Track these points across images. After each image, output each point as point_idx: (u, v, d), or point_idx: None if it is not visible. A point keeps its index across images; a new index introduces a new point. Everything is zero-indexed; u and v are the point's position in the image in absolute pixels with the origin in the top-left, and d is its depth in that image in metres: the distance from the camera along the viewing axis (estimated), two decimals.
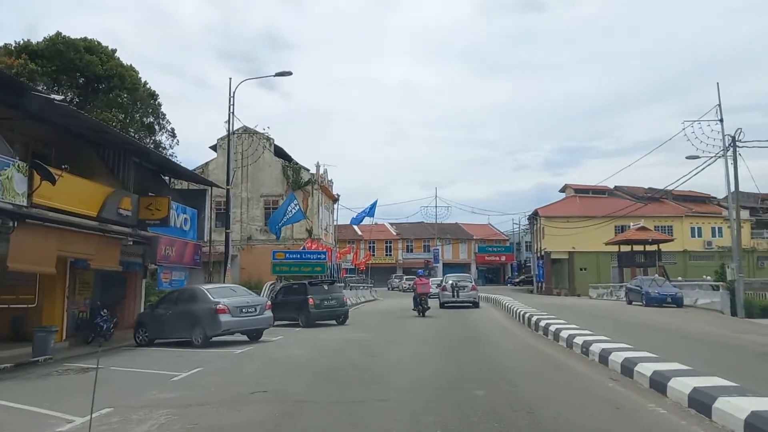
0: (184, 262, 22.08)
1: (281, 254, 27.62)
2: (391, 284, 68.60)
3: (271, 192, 45.71)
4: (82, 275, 21.51)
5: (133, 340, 17.20)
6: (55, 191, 14.39)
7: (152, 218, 18.56)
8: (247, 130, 44.67)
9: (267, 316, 16.33)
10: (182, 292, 17.14)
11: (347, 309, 23.68)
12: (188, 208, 23.15)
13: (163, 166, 22.04)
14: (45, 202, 14.29)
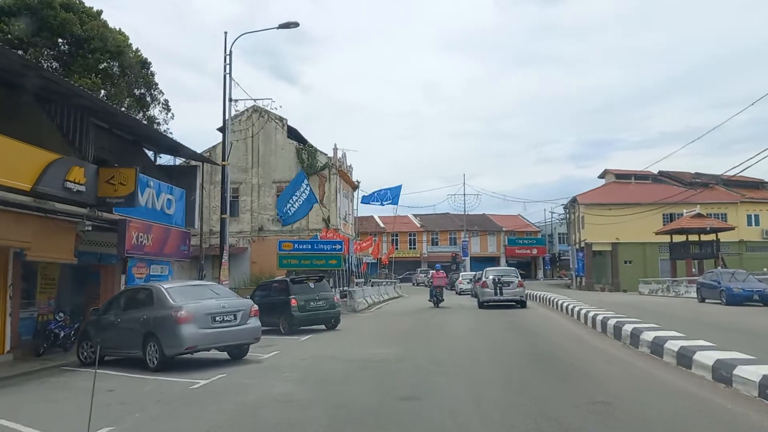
0: (165, 253, 17.88)
1: (289, 245, 23.31)
2: (416, 279, 64.16)
3: (284, 177, 41.32)
4: (44, 270, 17.48)
5: (77, 355, 13.04)
6: None
7: (114, 195, 14.36)
8: (257, 109, 40.58)
9: (252, 326, 11.75)
10: (133, 293, 12.64)
11: (338, 311, 19.54)
12: (173, 188, 18.95)
13: (138, 133, 17.78)
14: None
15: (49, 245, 13.55)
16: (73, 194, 13.39)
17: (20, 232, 12.58)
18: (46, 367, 12.60)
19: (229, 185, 21.49)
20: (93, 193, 14.15)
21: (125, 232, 15.51)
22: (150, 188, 17.19)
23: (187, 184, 20.09)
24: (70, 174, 13.17)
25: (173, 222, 18.81)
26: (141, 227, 16.36)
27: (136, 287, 13.03)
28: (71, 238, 14.41)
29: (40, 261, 15.13)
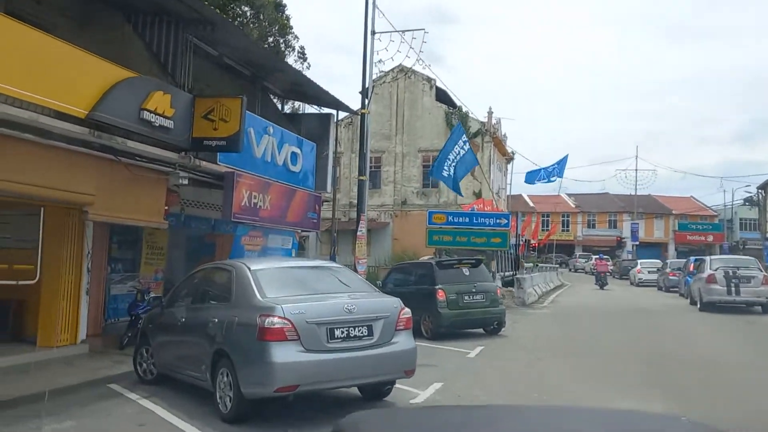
0: (287, 221, 13.86)
1: (441, 216, 18.61)
2: (575, 264, 57.27)
3: (430, 146, 36.73)
4: (150, 237, 14.19)
5: (133, 367, 8.74)
6: None
7: (213, 136, 10.33)
8: (404, 69, 36.27)
9: (400, 347, 6.66)
10: (208, 275, 7.95)
11: (502, 311, 14.04)
12: (301, 139, 14.88)
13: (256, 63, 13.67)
14: None
15: (125, 202, 9.81)
16: (155, 130, 9.50)
17: (76, 181, 8.87)
18: (99, 378, 8.87)
19: (369, 142, 17.13)
20: (185, 132, 10.23)
21: (233, 188, 11.55)
22: (269, 136, 13.16)
23: (319, 138, 15.97)
24: (149, 100, 9.26)
25: (299, 182, 14.75)
26: (255, 184, 12.37)
27: (214, 265, 8.30)
28: (160, 194, 10.65)
29: (131, 225, 11.59)
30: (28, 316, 10.78)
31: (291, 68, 13.04)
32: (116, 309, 13.30)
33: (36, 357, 9.88)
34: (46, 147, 8.26)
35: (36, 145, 8.11)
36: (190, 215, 13.95)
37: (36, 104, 7.61)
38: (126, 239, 14.56)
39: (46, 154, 8.32)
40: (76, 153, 8.77)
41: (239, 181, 11.75)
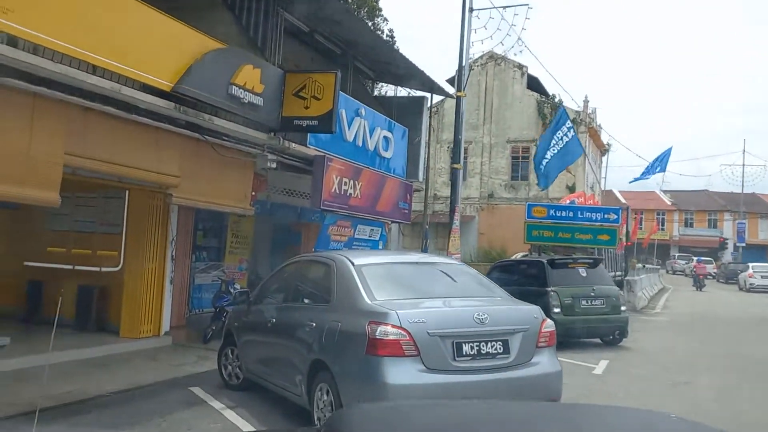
0: (377, 211, 12.88)
1: (541, 210, 17.12)
2: (673, 266, 53.77)
3: (520, 136, 35.04)
4: (236, 225, 13.65)
5: (218, 369, 7.71)
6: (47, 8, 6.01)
7: (304, 115, 9.45)
8: (494, 56, 34.66)
9: (544, 370, 5.21)
10: (301, 269, 6.83)
11: (626, 318, 12.17)
12: (393, 123, 13.87)
13: (349, 39, 12.66)
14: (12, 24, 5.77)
15: (210, 185, 9.10)
16: (244, 107, 8.70)
17: (161, 161, 8.18)
18: (181, 377, 8.16)
19: (463, 128, 15.88)
20: (275, 111, 9.40)
21: (323, 173, 10.66)
22: (361, 118, 12.20)
23: (411, 123, 14.91)
24: (238, 75, 8.46)
25: (390, 169, 13.75)
26: (346, 170, 11.44)
27: (309, 258, 7.01)
28: (246, 178, 9.90)
29: (218, 211, 10.95)
30: (111, 304, 10.32)
31: (386, 44, 12.02)
32: (200, 299, 12.77)
33: (118, 349, 9.39)
34: (131, 123, 7.60)
35: (121, 121, 7.46)
36: (276, 203, 13.25)
37: (120, 74, 6.91)
38: (211, 226, 14.04)
39: (131, 131, 7.66)
40: (161, 131, 8.09)
41: (330, 165, 10.85)
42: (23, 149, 6.32)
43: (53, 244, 10.96)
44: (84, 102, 6.82)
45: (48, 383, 7.30)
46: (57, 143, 6.68)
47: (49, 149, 6.59)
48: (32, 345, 8.79)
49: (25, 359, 7.92)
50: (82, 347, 9.00)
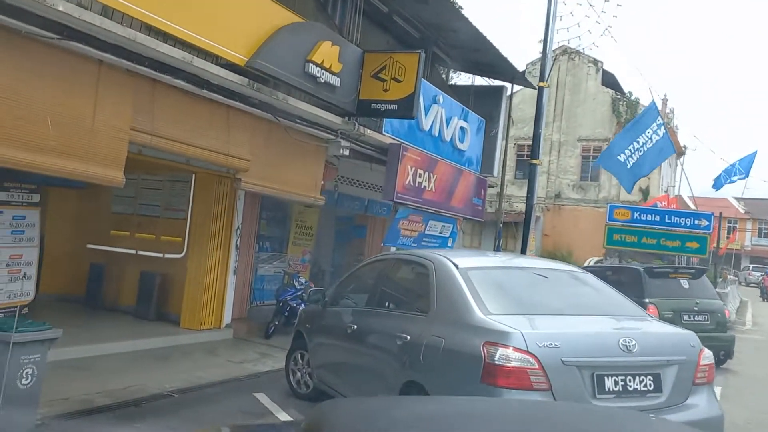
0: (451, 206, 12.04)
1: (624, 212, 15.82)
2: (747, 278, 50.81)
3: (592, 135, 33.46)
4: (299, 215, 13.11)
5: (285, 374, 6.86)
6: None
7: (382, 98, 8.70)
8: (567, 50, 33.15)
9: (707, 414, 3.96)
10: (388, 269, 5.66)
11: (732, 338, 10.89)
12: (469, 112, 12.99)
13: (431, 22, 11.79)
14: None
15: (280, 171, 8.46)
16: (320, 87, 8.01)
17: (233, 143, 7.57)
18: (243, 377, 7.54)
19: (543, 121, 14.83)
20: (351, 93, 8.68)
21: (398, 163, 9.90)
22: (438, 106, 11.38)
23: (487, 114, 13.99)
24: (315, 51, 7.77)
25: (465, 162, 12.89)
26: (421, 161, 10.65)
27: (397, 256, 6.05)
28: (318, 165, 9.24)
29: (287, 199, 10.35)
30: (172, 293, 9.86)
31: (473, 29, 11.11)
32: (261, 291, 12.25)
33: (178, 340, 8.91)
34: (200, 100, 7.03)
35: (190, 96, 6.89)
36: (343, 193, 12.58)
37: (191, 45, 6.31)
38: (274, 215, 13.51)
39: (201, 109, 7.09)
40: (232, 109, 7.49)
41: (405, 155, 10.08)
42: (87, 122, 5.79)
43: (117, 227, 10.61)
44: (152, 73, 6.26)
45: (105, 376, 6.82)
46: (123, 117, 6.14)
47: (115, 123, 6.06)
48: (91, 332, 8.40)
49: (83, 348, 7.49)
50: (141, 337, 8.54)
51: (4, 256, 7.74)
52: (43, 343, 4.73)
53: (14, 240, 7.86)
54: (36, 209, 8.11)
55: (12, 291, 7.88)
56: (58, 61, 5.48)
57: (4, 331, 4.51)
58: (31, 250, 8.10)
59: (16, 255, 7.85)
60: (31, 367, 4.65)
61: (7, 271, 7.80)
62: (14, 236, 7.86)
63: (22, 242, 7.96)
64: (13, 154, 5.09)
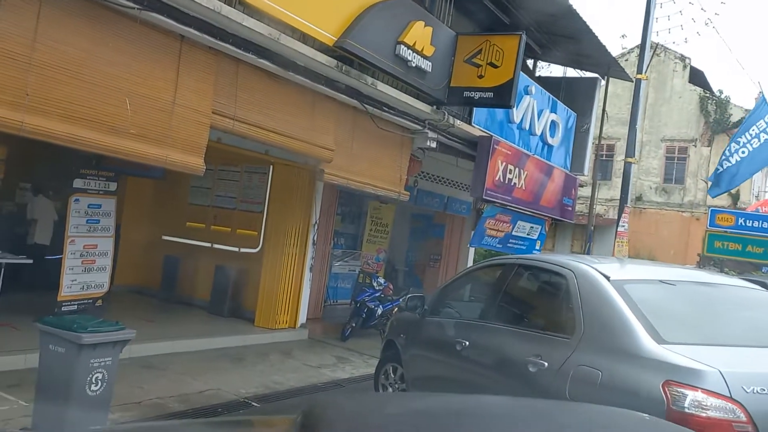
0: (540, 206, 11.15)
1: (728, 218, 14.39)
2: None
3: (677, 135, 31.59)
4: (375, 211, 12.57)
5: (374, 386, 6.03)
6: None
7: (476, 86, 7.94)
8: (652, 46, 31.30)
9: None
10: (505, 277, 4.53)
11: None
12: (560, 105, 12.06)
13: (519, 4, 10.93)
14: None
15: (363, 163, 7.85)
16: (410, 72, 7.34)
17: (317, 132, 7.00)
18: (321, 384, 6.93)
19: (638, 116, 13.72)
20: (443, 79, 7.97)
21: (488, 158, 9.12)
22: (530, 97, 10.53)
23: (578, 108, 13.00)
24: (408, 32, 7.11)
25: (555, 159, 11.96)
26: (512, 156, 9.83)
27: (521, 262, 4.77)
28: (403, 157, 8.58)
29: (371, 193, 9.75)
30: (247, 288, 9.44)
31: (574, 15, 10.17)
32: (335, 289, 11.73)
33: (253, 340, 8.45)
34: (285, 83, 6.49)
35: (274, 79, 6.37)
36: (422, 189, 11.89)
37: (278, 20, 5.75)
38: (349, 211, 12.98)
39: (285, 93, 6.55)
40: (318, 94, 6.92)
41: (496, 149, 9.29)
42: (167, 104, 5.32)
43: (192, 219, 10.28)
44: (237, 52, 5.73)
45: (179, 377, 6.38)
46: (205, 100, 5.65)
47: (196, 106, 5.58)
48: (164, 328, 8.04)
49: (155, 345, 7.10)
50: (215, 335, 8.12)
51: (79, 246, 7.45)
52: (115, 345, 4.25)
53: (89, 229, 7.57)
54: (112, 198, 7.82)
55: (86, 282, 7.60)
56: (138, 35, 5.02)
57: (74, 331, 4.04)
58: (107, 240, 7.80)
59: (91, 245, 7.56)
60: (102, 372, 4.17)
61: (81, 262, 7.53)
62: (89, 225, 7.57)
63: (98, 232, 7.67)
64: (88, 135, 4.65)
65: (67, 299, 7.32)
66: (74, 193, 7.32)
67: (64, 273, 7.22)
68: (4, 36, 4.09)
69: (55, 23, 4.38)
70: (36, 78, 4.28)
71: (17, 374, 5.50)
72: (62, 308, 7.24)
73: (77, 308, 7.45)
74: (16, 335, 6.43)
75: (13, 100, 4.15)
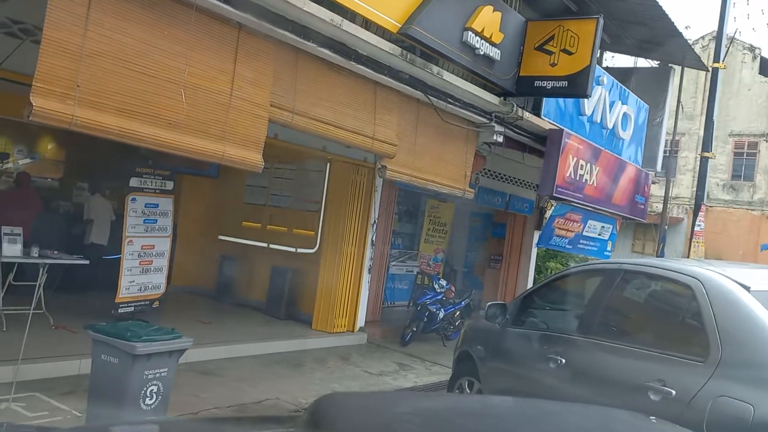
0: (612, 204, 10.45)
1: None
2: None
3: (746, 129, 29.97)
4: (433, 210, 12.16)
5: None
6: None
7: (548, 74, 7.37)
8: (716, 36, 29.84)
9: None
10: (608, 285, 3.91)
11: None
12: (632, 96, 11.31)
13: None
14: None
15: (426, 158, 7.38)
16: (478, 60, 6.85)
17: (376, 123, 6.58)
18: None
19: (716, 107, 12.84)
20: (512, 68, 7.44)
21: (559, 152, 8.53)
22: (602, 88, 9.88)
23: (650, 100, 12.20)
24: (475, 18, 6.63)
25: (625, 154, 11.23)
26: (583, 150, 9.19)
27: (628, 268, 3.99)
28: (468, 152, 8.08)
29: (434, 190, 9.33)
30: (304, 290, 9.12)
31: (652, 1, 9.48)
32: (392, 291, 11.34)
33: (310, 344, 8.12)
34: (346, 73, 6.10)
35: (335, 69, 5.98)
36: (484, 187, 11.35)
37: (339, 5, 5.36)
38: (407, 210, 12.58)
39: (347, 84, 6.16)
40: (380, 86, 6.51)
41: (567, 143, 8.69)
42: (224, 96, 4.99)
43: (248, 218, 10.05)
44: (296, 40, 5.36)
45: (236, 384, 6.07)
46: (263, 92, 5.30)
47: (254, 99, 5.23)
48: (220, 331, 7.79)
49: (211, 350, 6.83)
50: (272, 339, 7.82)
51: (137, 247, 7.26)
52: (171, 355, 3.94)
53: (146, 229, 7.37)
54: (169, 197, 7.62)
55: (143, 284, 7.41)
56: (195, 23, 4.70)
57: (128, 340, 3.73)
58: (164, 240, 7.60)
59: (148, 245, 7.36)
60: (157, 384, 3.86)
61: (139, 263, 7.33)
62: (146, 225, 7.37)
63: (155, 231, 7.47)
64: (142, 129, 4.34)
65: (124, 301, 7.14)
66: (131, 192, 7.14)
67: (123, 274, 7.03)
68: (53, 24, 3.81)
69: (108, 9, 4.08)
70: (87, 68, 3.99)
71: (71, 381, 5.29)
72: (119, 310, 7.06)
73: (134, 310, 7.26)
74: (72, 338, 6.25)
75: (64, 92, 3.87)
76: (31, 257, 6.69)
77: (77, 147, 10.58)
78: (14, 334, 6.26)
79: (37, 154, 11.24)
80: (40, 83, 3.74)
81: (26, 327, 4.75)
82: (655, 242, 26.39)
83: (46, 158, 11.32)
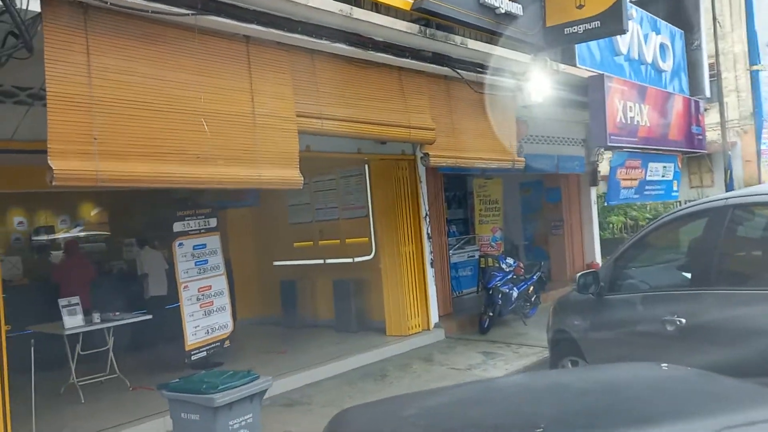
0: (669, 140, 9.80)
1: None
2: None
3: None
4: (482, 189, 11.69)
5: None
6: None
7: (577, 18, 6.84)
8: None
9: None
10: (723, 223, 3.30)
11: None
12: (664, 24, 10.61)
13: None
14: None
15: (469, 135, 6.97)
16: (500, 20, 6.40)
17: (408, 110, 6.20)
18: None
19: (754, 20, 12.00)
20: (537, 22, 6.94)
21: (604, 98, 7.97)
22: (632, 22, 9.21)
23: (684, 23, 11.44)
24: None
25: (671, 86, 10.53)
26: (628, 91, 8.60)
27: (735, 202, 3.36)
28: (508, 120, 7.64)
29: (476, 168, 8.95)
30: (371, 298, 8.80)
31: None
32: (457, 279, 10.93)
33: (389, 351, 7.78)
34: (366, 65, 5.76)
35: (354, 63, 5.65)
36: (528, 154, 10.82)
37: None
38: (454, 195, 12.16)
39: (368, 77, 5.83)
40: (404, 70, 6.15)
41: (611, 87, 8.13)
42: (247, 116, 4.71)
43: (298, 238, 9.80)
44: (309, 40, 5.04)
45: (325, 411, 5.77)
46: (286, 103, 4.99)
47: (279, 112, 4.94)
48: (296, 358, 7.52)
49: (291, 379, 6.57)
50: (350, 354, 7.50)
51: (193, 291, 7.08)
52: (253, 399, 3.65)
53: (199, 271, 7.18)
54: (215, 234, 7.42)
55: (209, 326, 7.23)
56: (201, 48, 4.42)
57: (205, 393, 3.46)
58: (219, 278, 7.41)
59: (205, 287, 7.17)
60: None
61: (200, 306, 7.15)
62: (198, 267, 7.18)
63: (208, 272, 7.28)
64: (170, 170, 4.09)
65: (194, 347, 6.97)
66: (177, 237, 6.97)
67: (186, 321, 6.87)
68: (55, 77, 3.56)
69: (108, 50, 3.84)
70: (100, 118, 3.75)
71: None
72: (192, 357, 6.91)
73: (207, 354, 7.10)
74: (151, 397, 6.05)
75: (81, 148, 3.63)
76: (93, 324, 6.57)
77: (117, 204, 10.57)
78: (94, 404, 6.17)
79: (81, 221, 11.28)
80: (55, 143, 3.51)
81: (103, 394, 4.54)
82: (711, 173, 25.19)
83: (90, 222, 11.36)
